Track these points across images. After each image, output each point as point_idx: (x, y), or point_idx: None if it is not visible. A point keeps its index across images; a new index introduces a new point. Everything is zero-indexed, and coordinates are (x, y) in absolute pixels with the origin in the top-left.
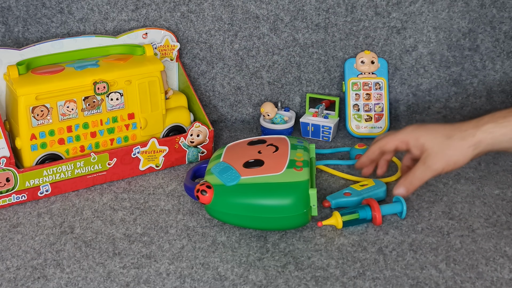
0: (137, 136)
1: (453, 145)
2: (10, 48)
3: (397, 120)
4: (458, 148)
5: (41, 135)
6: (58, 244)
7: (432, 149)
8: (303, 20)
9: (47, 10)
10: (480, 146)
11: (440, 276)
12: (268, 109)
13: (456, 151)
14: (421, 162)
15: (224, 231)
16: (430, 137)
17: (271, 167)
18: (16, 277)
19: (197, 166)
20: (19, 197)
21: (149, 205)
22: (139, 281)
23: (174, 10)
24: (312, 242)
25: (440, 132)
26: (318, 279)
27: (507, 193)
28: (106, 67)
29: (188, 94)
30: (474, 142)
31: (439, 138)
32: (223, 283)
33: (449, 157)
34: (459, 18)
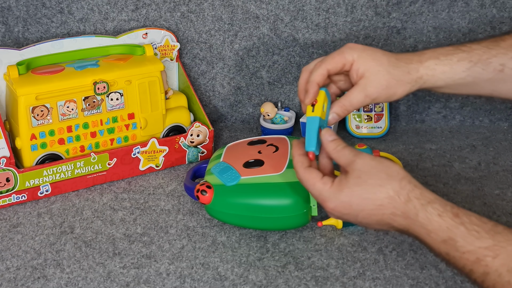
0: (137, 136)
1: (397, 76)
2: (10, 48)
3: (397, 120)
4: (401, 81)
5: (41, 135)
6: (58, 244)
7: (375, 76)
8: (303, 20)
9: (47, 10)
10: (419, 82)
11: (440, 276)
12: (268, 109)
13: (399, 83)
14: (360, 87)
15: (224, 231)
16: (376, 63)
17: (271, 167)
18: (16, 277)
19: (197, 166)
20: (19, 197)
21: (149, 205)
22: (139, 281)
23: (174, 10)
24: (312, 242)
25: (386, 59)
26: (318, 279)
27: (507, 193)
28: (106, 67)
29: (188, 94)
30: (416, 77)
31: (384, 66)
32: (223, 283)
33: (389, 88)
34: (459, 18)
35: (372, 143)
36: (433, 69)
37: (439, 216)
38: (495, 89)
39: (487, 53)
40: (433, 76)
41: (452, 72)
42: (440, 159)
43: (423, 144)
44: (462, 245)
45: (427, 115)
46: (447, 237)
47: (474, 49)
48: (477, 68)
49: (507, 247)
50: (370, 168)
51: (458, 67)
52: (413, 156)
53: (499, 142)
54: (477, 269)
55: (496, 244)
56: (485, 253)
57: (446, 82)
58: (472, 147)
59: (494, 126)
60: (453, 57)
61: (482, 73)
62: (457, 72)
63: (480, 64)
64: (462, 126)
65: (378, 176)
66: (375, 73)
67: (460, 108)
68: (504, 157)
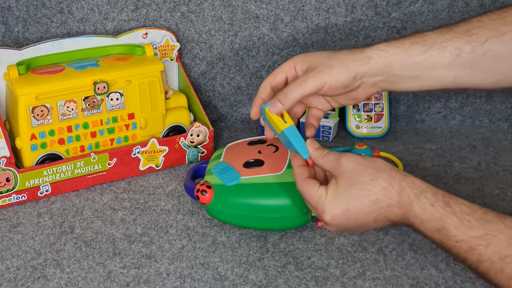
0: (137, 136)
1: (338, 56)
2: (10, 48)
3: (397, 120)
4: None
5: (41, 135)
6: (58, 244)
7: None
8: (303, 20)
9: (47, 10)
10: (370, 62)
11: (440, 276)
12: None
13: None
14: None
15: (224, 231)
16: (316, 54)
17: (271, 167)
18: (16, 277)
19: (197, 166)
20: (19, 197)
21: (149, 205)
22: (139, 281)
23: (174, 10)
24: (312, 242)
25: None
26: (318, 279)
27: (507, 193)
28: (106, 67)
29: (188, 94)
30: (364, 56)
31: (324, 53)
32: (223, 283)
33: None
34: (459, 18)
35: (372, 143)
36: (383, 50)
37: (431, 205)
38: (456, 76)
39: (441, 38)
40: (385, 57)
41: (406, 54)
42: (440, 159)
43: (423, 144)
44: (454, 235)
45: (427, 115)
46: (440, 226)
47: (427, 34)
48: (432, 52)
49: (498, 236)
50: (357, 166)
51: (412, 49)
52: (413, 156)
53: (499, 142)
54: (470, 257)
55: (488, 233)
56: (477, 242)
57: (403, 67)
58: (472, 147)
59: (494, 126)
60: (405, 41)
61: (438, 57)
62: (412, 55)
63: (435, 47)
64: (462, 126)
65: (367, 172)
66: (315, 59)
67: (460, 108)
68: (504, 157)
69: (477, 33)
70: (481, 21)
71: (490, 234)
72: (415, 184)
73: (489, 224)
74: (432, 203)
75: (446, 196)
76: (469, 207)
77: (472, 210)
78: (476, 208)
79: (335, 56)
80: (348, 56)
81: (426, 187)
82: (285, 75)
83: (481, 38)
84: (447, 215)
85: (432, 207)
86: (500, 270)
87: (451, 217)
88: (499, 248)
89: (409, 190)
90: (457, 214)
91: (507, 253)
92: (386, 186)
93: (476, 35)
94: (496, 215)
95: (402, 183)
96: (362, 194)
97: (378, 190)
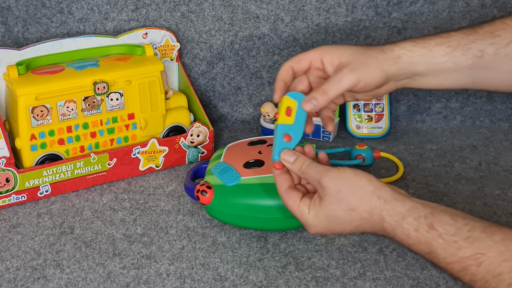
0: (137, 136)
1: (371, 54)
2: (10, 48)
3: (397, 120)
4: (376, 58)
5: (41, 135)
6: (58, 245)
7: (349, 58)
8: (303, 20)
9: (47, 10)
10: (399, 62)
11: (440, 277)
12: (268, 109)
13: (375, 61)
14: (337, 71)
15: (224, 232)
16: (346, 49)
17: (272, 168)
18: (16, 278)
19: (197, 167)
20: (19, 197)
21: (149, 206)
22: (139, 281)
23: (174, 10)
24: (313, 242)
25: (356, 47)
26: (318, 280)
27: (507, 194)
28: (106, 67)
29: (188, 94)
30: (393, 56)
31: (355, 49)
32: (223, 284)
33: (367, 66)
34: (460, 18)
35: (373, 143)
36: (410, 50)
37: (415, 231)
38: (477, 77)
39: (466, 39)
40: (412, 58)
41: (431, 55)
42: (440, 159)
43: (424, 144)
44: (444, 257)
45: (428, 115)
46: (428, 250)
47: (452, 35)
48: (456, 53)
49: (488, 254)
50: (337, 193)
51: (437, 50)
52: (414, 156)
53: (499, 142)
54: (463, 276)
55: (478, 252)
56: (468, 262)
57: (427, 67)
58: (473, 147)
59: (494, 127)
60: (430, 41)
61: (462, 59)
62: (436, 56)
63: (459, 49)
64: (463, 126)
65: (347, 200)
66: (348, 56)
67: (460, 108)
68: (505, 158)
69: (500, 35)
70: (505, 23)
71: (479, 253)
72: (394, 210)
73: (477, 243)
74: (415, 228)
75: (428, 217)
76: (453, 226)
77: (457, 229)
78: (461, 225)
79: (368, 53)
80: (380, 54)
81: (407, 211)
82: (309, 64)
83: (504, 40)
84: (433, 239)
85: (416, 232)
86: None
87: (437, 240)
88: (491, 266)
89: (390, 219)
90: (442, 236)
91: (500, 271)
92: (367, 216)
93: (500, 37)
94: (483, 231)
95: (382, 213)
96: (344, 221)
97: (359, 218)
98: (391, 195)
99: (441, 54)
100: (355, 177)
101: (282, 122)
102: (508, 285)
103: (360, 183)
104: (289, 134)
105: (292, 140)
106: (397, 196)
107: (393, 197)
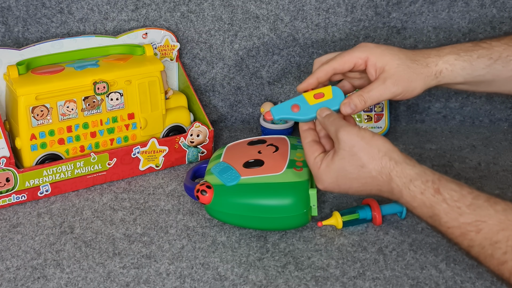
0: (137, 136)
1: (416, 69)
2: (10, 48)
3: (397, 120)
4: (421, 74)
5: (41, 135)
6: (58, 244)
7: (395, 69)
8: (303, 20)
9: (47, 10)
10: (438, 77)
11: (440, 276)
12: (268, 109)
13: (418, 77)
14: (380, 80)
15: (224, 231)
16: (394, 57)
17: (271, 167)
18: (16, 277)
19: (197, 166)
20: (19, 197)
21: (149, 205)
22: (139, 281)
23: (174, 10)
24: (312, 242)
25: (403, 54)
26: (318, 279)
27: (507, 193)
28: (106, 67)
29: (188, 94)
30: (436, 71)
31: (403, 60)
32: (223, 283)
33: (410, 82)
34: (459, 18)
35: None
36: (452, 64)
37: (421, 193)
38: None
39: (508, 50)
40: (452, 72)
41: (471, 68)
42: (440, 159)
43: (423, 144)
44: (446, 221)
45: (427, 115)
46: (431, 213)
47: (494, 46)
48: (497, 66)
49: (488, 221)
50: (351, 148)
51: (478, 63)
52: (413, 156)
53: (499, 142)
54: (462, 242)
55: (478, 219)
56: (468, 228)
57: (465, 79)
58: (472, 147)
59: (494, 126)
60: (473, 53)
61: (502, 71)
62: (476, 69)
63: (500, 61)
64: (462, 126)
65: (359, 157)
66: (394, 66)
67: (460, 108)
68: (504, 157)
69: None
70: None
71: (480, 220)
72: (404, 172)
73: (479, 210)
74: (421, 191)
75: (436, 182)
76: (459, 192)
77: (462, 196)
78: (466, 193)
79: (414, 67)
80: (425, 69)
81: (416, 174)
82: (353, 65)
83: None
84: (437, 203)
85: (422, 195)
86: (490, 255)
87: (441, 204)
88: (489, 234)
89: (398, 180)
90: (447, 201)
91: (497, 239)
92: (375, 175)
93: None
94: (487, 200)
95: (391, 173)
96: (352, 176)
97: (368, 176)
98: (403, 158)
99: (482, 67)
100: (371, 137)
101: (305, 97)
102: (503, 253)
103: (375, 143)
104: (299, 107)
105: (297, 113)
106: (408, 160)
107: (404, 160)
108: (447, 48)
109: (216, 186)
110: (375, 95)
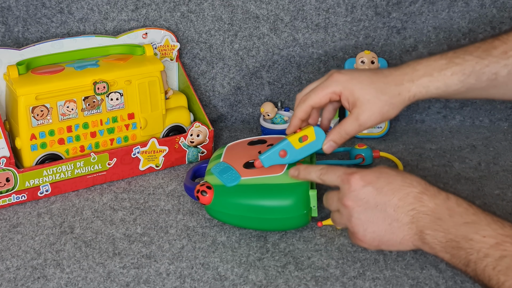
0: (137, 136)
1: (388, 101)
2: (10, 48)
3: (397, 120)
4: (393, 104)
5: (41, 135)
6: (58, 244)
7: (367, 104)
8: (303, 20)
9: (47, 10)
10: (413, 99)
11: (440, 276)
12: (268, 109)
13: (390, 107)
14: (353, 116)
15: (224, 231)
16: (364, 91)
17: (271, 168)
18: (16, 277)
19: (197, 166)
20: (19, 197)
21: (149, 205)
22: (139, 281)
23: (174, 10)
24: (312, 242)
25: (374, 85)
26: (318, 279)
27: (507, 193)
28: (106, 67)
29: (188, 94)
30: (409, 96)
31: (373, 93)
32: (223, 283)
33: (383, 113)
34: (459, 18)
35: (372, 143)
36: (426, 86)
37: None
38: (488, 94)
39: (480, 64)
40: (426, 93)
41: (445, 86)
42: (440, 159)
43: (423, 144)
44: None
45: (427, 115)
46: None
47: (467, 60)
48: (470, 80)
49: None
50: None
51: (452, 80)
52: (413, 156)
53: (499, 142)
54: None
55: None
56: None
57: (439, 95)
58: (472, 147)
59: (494, 126)
60: (446, 71)
61: (475, 84)
62: (450, 85)
63: (473, 75)
64: (462, 126)
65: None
66: (365, 102)
67: (460, 108)
68: (504, 157)
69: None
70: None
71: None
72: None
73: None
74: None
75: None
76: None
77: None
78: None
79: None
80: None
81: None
82: (328, 99)
83: None
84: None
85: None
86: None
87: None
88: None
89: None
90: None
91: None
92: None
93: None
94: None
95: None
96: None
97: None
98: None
99: (455, 83)
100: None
101: (291, 141)
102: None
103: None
104: (286, 152)
105: (285, 158)
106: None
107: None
108: (421, 69)
109: (216, 187)
110: (352, 131)
